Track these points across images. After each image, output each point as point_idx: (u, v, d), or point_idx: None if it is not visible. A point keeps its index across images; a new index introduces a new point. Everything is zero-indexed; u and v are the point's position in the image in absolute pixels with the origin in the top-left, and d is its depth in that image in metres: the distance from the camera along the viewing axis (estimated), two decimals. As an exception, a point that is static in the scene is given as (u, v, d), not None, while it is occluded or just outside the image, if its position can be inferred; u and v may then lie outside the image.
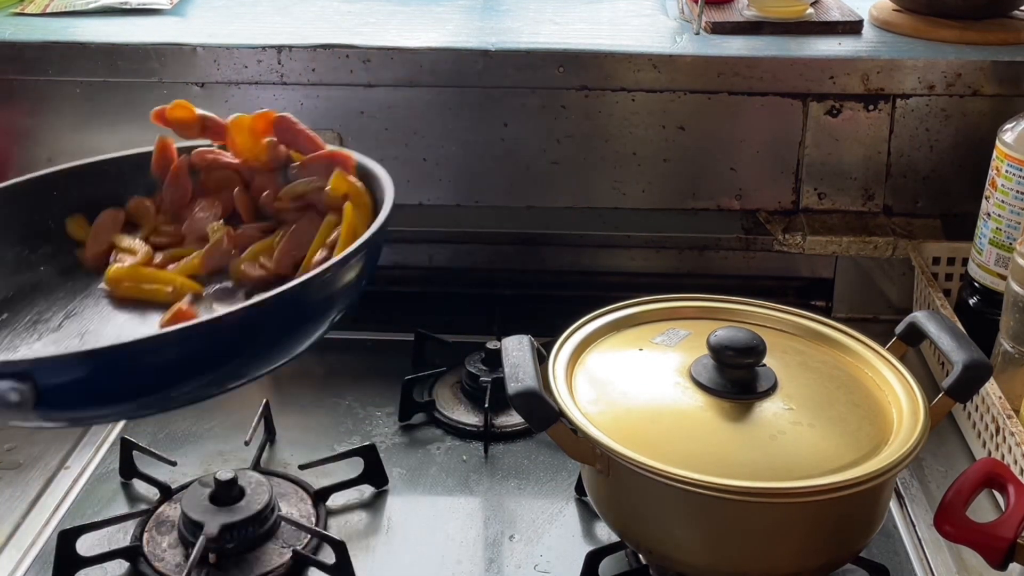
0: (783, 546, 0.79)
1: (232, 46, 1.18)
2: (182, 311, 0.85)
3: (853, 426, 0.82)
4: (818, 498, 0.75)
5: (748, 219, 1.26)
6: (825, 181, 1.23)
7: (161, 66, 1.18)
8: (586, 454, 0.81)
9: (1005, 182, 1.04)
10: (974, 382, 0.83)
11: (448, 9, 1.32)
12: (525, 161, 1.22)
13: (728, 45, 1.20)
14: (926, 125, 1.19)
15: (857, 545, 0.83)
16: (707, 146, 1.21)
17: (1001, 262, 1.06)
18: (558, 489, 0.99)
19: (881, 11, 1.28)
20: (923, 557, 0.90)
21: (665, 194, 1.24)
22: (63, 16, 1.27)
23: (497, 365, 0.98)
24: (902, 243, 1.21)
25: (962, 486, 0.80)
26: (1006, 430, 0.91)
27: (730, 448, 0.79)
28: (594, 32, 1.24)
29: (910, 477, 1.00)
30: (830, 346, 0.92)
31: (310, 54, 1.18)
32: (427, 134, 1.21)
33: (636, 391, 0.86)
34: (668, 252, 1.29)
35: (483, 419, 1.05)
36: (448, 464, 1.01)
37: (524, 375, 0.81)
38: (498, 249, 1.29)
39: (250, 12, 1.30)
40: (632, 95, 1.19)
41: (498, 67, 1.18)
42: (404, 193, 1.24)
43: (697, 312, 0.96)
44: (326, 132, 1.21)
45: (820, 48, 1.20)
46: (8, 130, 1.23)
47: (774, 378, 0.85)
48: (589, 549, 0.86)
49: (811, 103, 1.19)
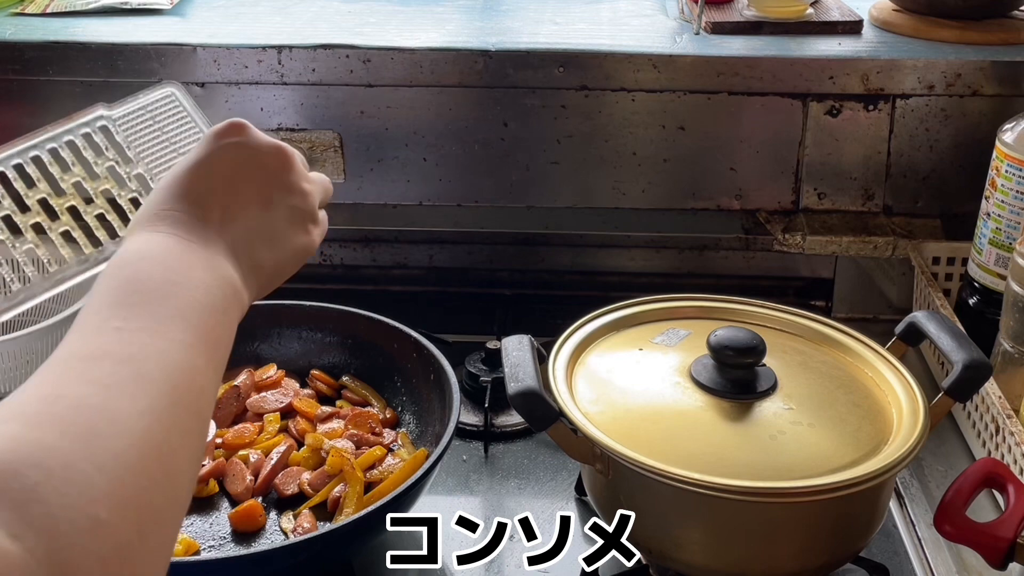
0: (783, 546, 0.80)
1: (232, 46, 1.18)
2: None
3: (853, 426, 0.82)
4: (818, 498, 0.75)
5: (748, 219, 1.26)
6: (825, 181, 1.23)
7: (161, 66, 1.18)
8: (586, 454, 0.81)
9: (1005, 182, 1.04)
10: (974, 382, 0.83)
11: (448, 9, 1.32)
12: (525, 161, 1.22)
13: (728, 45, 1.20)
14: (926, 125, 1.19)
15: (857, 545, 0.83)
16: (707, 146, 1.21)
17: (1001, 262, 1.05)
18: (558, 489, 0.99)
19: (881, 11, 1.28)
20: (923, 557, 0.90)
21: (665, 194, 1.24)
22: (63, 16, 1.27)
23: (497, 365, 0.98)
24: (902, 243, 1.20)
25: (962, 486, 0.80)
26: (1006, 430, 0.91)
27: (730, 448, 0.79)
28: (594, 32, 1.24)
29: (910, 477, 1.00)
30: (830, 346, 0.92)
31: (310, 54, 1.18)
32: (427, 134, 1.21)
33: (636, 391, 0.86)
34: (668, 252, 1.29)
35: (483, 419, 1.05)
36: (448, 464, 1.01)
37: (524, 375, 0.81)
38: (498, 249, 1.29)
39: (250, 12, 1.30)
40: (632, 95, 1.19)
41: (498, 67, 1.18)
42: (404, 193, 1.25)
43: (697, 312, 0.96)
44: (326, 132, 1.21)
45: (820, 48, 1.20)
46: (8, 130, 1.22)
47: (774, 378, 0.85)
48: (589, 549, 0.86)
49: (811, 103, 1.19)
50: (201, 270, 0.59)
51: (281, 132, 1.21)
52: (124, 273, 0.57)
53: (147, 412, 0.48)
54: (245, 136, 0.67)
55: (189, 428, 0.51)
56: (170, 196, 0.63)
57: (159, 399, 0.49)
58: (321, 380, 1.06)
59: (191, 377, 0.53)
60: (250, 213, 0.65)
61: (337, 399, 1.05)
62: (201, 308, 0.57)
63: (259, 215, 0.65)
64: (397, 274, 1.30)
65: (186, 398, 0.52)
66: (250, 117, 1.20)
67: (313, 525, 0.89)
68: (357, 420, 0.99)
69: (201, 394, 0.53)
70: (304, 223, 0.69)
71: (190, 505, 0.91)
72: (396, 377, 1.05)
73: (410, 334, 1.03)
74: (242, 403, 1.01)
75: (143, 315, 0.54)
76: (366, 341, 1.07)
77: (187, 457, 0.50)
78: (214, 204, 0.63)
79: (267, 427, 0.99)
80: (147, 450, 0.47)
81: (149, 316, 0.54)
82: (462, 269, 1.30)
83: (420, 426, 1.01)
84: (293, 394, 1.03)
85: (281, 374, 1.06)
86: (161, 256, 0.59)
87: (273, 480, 0.94)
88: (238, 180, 0.65)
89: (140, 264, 0.58)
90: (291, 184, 0.68)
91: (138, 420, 0.47)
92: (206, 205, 0.63)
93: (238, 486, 0.93)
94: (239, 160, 0.66)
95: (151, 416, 0.48)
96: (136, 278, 0.56)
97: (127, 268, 0.57)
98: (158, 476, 0.47)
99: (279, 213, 0.67)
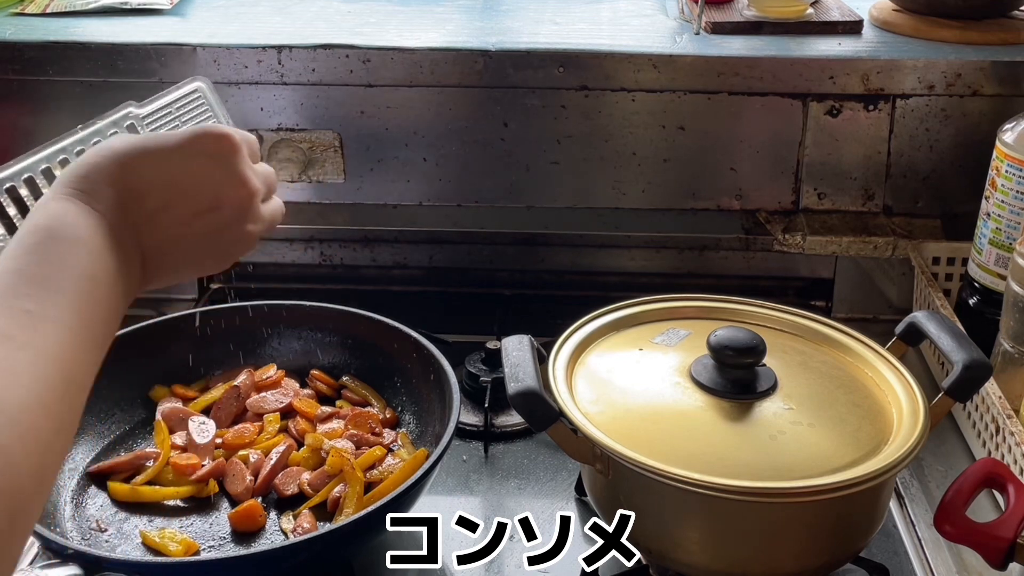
0: (783, 546, 0.80)
1: (232, 46, 1.18)
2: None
3: (853, 426, 0.82)
4: (818, 498, 0.75)
5: (748, 219, 1.26)
6: (825, 181, 1.23)
7: (161, 66, 1.18)
8: (586, 454, 0.81)
9: (1005, 182, 1.04)
10: (974, 382, 0.83)
11: (448, 9, 1.32)
12: (525, 161, 1.22)
13: (728, 45, 1.20)
14: (926, 125, 1.19)
15: (857, 545, 0.83)
16: (707, 146, 1.21)
17: (1001, 262, 1.05)
18: (558, 489, 0.99)
19: (881, 11, 1.28)
20: (923, 557, 0.90)
21: (665, 194, 1.24)
22: (63, 16, 1.27)
23: (497, 365, 0.98)
24: (902, 243, 1.20)
25: (962, 486, 0.80)
26: (1006, 430, 0.91)
27: (730, 448, 0.79)
28: (594, 32, 1.24)
29: (910, 477, 1.00)
30: (830, 346, 0.92)
31: (310, 54, 1.18)
32: (427, 134, 1.21)
33: (636, 391, 0.86)
34: (668, 252, 1.29)
35: (483, 419, 1.05)
36: (448, 464, 1.01)
37: (524, 375, 0.81)
38: (498, 249, 1.29)
39: (250, 12, 1.30)
40: (632, 95, 1.19)
41: (498, 67, 1.18)
42: (404, 193, 1.25)
43: (697, 312, 0.96)
44: (326, 132, 1.21)
45: (820, 48, 1.20)
46: (8, 130, 1.23)
47: (774, 378, 0.85)
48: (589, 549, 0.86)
49: (811, 103, 1.19)
50: (115, 268, 0.60)
51: (281, 132, 1.21)
52: (48, 245, 0.57)
53: (36, 406, 0.50)
54: (227, 160, 0.65)
55: (69, 423, 0.53)
56: (116, 168, 0.62)
57: (48, 393, 0.51)
58: (321, 380, 1.06)
59: (81, 374, 0.54)
60: (174, 230, 0.64)
61: (337, 399, 1.05)
62: (107, 308, 0.58)
63: (184, 233, 0.64)
64: (397, 274, 1.30)
65: (71, 394, 0.53)
66: (250, 117, 1.21)
67: (313, 525, 0.89)
68: (357, 420, 0.99)
69: (82, 390, 0.55)
70: (240, 235, 0.68)
71: (190, 505, 0.92)
72: (396, 377, 1.05)
73: (410, 334, 1.03)
74: (242, 403, 1.01)
75: (56, 301, 0.54)
76: (366, 341, 1.07)
77: (61, 450, 0.53)
78: (150, 204, 0.62)
79: (267, 427, 0.99)
80: (29, 444, 0.48)
81: (57, 304, 0.54)
82: (462, 269, 1.30)
83: (420, 426, 1.01)
84: (293, 394, 1.03)
85: (281, 374, 1.06)
86: (86, 239, 0.58)
87: (273, 480, 0.94)
88: (187, 193, 0.64)
89: (65, 241, 0.57)
90: (236, 216, 0.67)
91: (27, 413, 0.49)
92: (142, 200, 0.62)
93: (238, 486, 0.93)
94: (201, 175, 0.65)
95: (40, 411, 0.50)
96: (59, 257, 0.56)
97: (54, 240, 0.57)
98: (35, 468, 0.49)
99: (207, 235, 0.66)
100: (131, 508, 0.92)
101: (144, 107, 0.86)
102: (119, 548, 0.88)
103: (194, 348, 1.06)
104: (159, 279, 0.65)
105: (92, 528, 0.90)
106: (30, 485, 0.48)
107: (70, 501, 0.92)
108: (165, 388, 1.05)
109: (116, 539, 0.89)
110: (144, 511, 0.92)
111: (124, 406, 1.03)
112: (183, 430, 0.98)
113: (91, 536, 0.89)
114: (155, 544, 0.87)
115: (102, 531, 0.89)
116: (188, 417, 0.99)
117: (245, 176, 0.66)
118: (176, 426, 0.99)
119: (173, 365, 1.05)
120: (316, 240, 1.30)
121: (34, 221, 0.58)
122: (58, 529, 0.87)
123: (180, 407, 1.01)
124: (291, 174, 1.22)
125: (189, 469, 0.94)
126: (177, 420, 0.99)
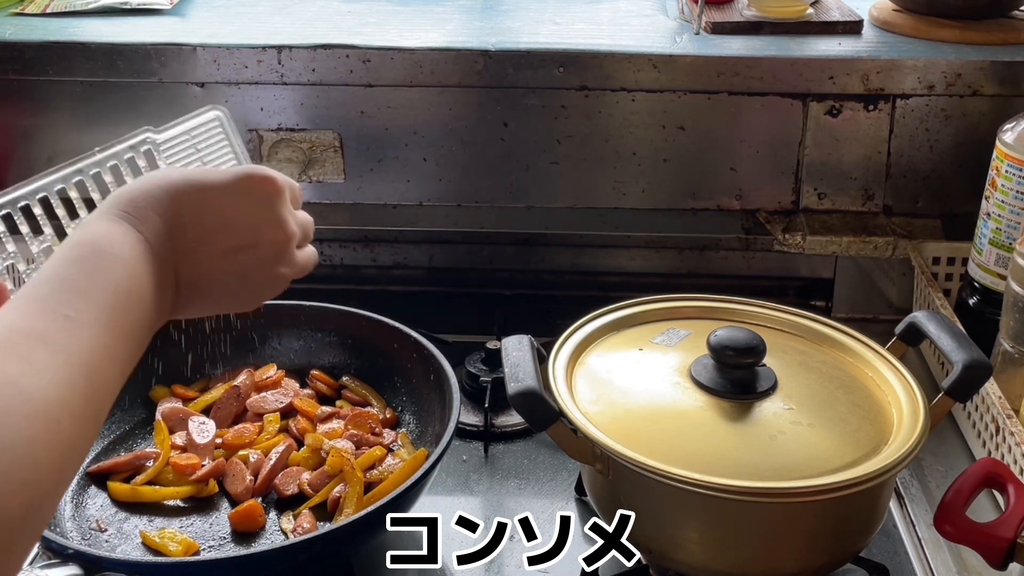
0: (783, 546, 0.80)
1: (232, 46, 1.18)
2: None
3: (853, 426, 0.82)
4: (818, 498, 0.75)
5: (748, 219, 1.26)
6: (825, 181, 1.23)
7: (161, 66, 1.18)
8: (586, 454, 0.81)
9: (1005, 182, 1.04)
10: (974, 382, 0.83)
11: (448, 9, 1.32)
12: (525, 161, 1.22)
13: (728, 45, 1.20)
14: (926, 125, 1.19)
15: (857, 545, 0.83)
16: (707, 146, 1.21)
17: (1001, 262, 1.05)
18: (558, 489, 0.99)
19: (881, 11, 1.28)
20: (923, 557, 0.90)
21: (665, 194, 1.24)
22: (63, 16, 1.27)
23: (497, 365, 0.98)
24: (902, 243, 1.20)
25: (962, 486, 0.80)
26: (1006, 430, 0.91)
27: (730, 448, 0.79)
28: (594, 32, 1.24)
29: (910, 477, 1.00)
30: (830, 346, 0.92)
31: (310, 54, 1.18)
32: (427, 134, 1.21)
33: (636, 391, 0.86)
34: (668, 252, 1.28)
35: (483, 419, 1.05)
36: (448, 464, 1.01)
37: (524, 375, 0.81)
38: (498, 249, 1.29)
39: (250, 12, 1.30)
40: (632, 95, 1.19)
41: (498, 67, 1.18)
42: (404, 193, 1.25)
43: (697, 312, 0.96)
44: (326, 132, 1.21)
45: (820, 48, 1.20)
46: (8, 130, 1.23)
47: (774, 378, 0.85)
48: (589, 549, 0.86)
49: (811, 103, 1.19)
50: (152, 291, 0.62)
51: (281, 132, 1.21)
52: (92, 259, 0.59)
53: (63, 406, 0.52)
54: (269, 202, 0.68)
55: (92, 429, 0.55)
56: (167, 198, 0.64)
57: (75, 396, 0.53)
58: (321, 380, 1.06)
59: (107, 381, 0.56)
60: (211, 263, 0.66)
61: (337, 399, 1.05)
62: (139, 326, 0.60)
63: (220, 267, 0.67)
64: (397, 274, 1.30)
65: (96, 400, 0.55)
66: (250, 117, 1.21)
67: (313, 525, 0.89)
68: (357, 420, 0.99)
69: (107, 398, 0.57)
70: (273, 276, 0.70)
71: (190, 505, 0.92)
72: (396, 377, 1.05)
73: (410, 334, 1.03)
74: (242, 403, 1.01)
75: (93, 311, 0.57)
76: (366, 341, 1.07)
77: (80, 453, 0.54)
78: (191, 236, 0.65)
79: (267, 427, 0.99)
80: (52, 441, 0.50)
81: (94, 314, 0.57)
82: (462, 269, 1.30)
83: (420, 426, 1.01)
84: (293, 394, 1.03)
85: (281, 374, 1.06)
86: (128, 259, 0.61)
87: (273, 480, 0.94)
88: (228, 229, 0.67)
89: (109, 257, 0.60)
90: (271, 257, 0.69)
91: (54, 411, 0.51)
92: (185, 232, 0.65)
93: (238, 486, 0.93)
94: (243, 213, 0.67)
95: (65, 411, 0.52)
96: (101, 272, 0.59)
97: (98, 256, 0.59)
98: (56, 464, 0.50)
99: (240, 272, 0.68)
100: (131, 508, 0.93)
101: (162, 133, 0.87)
102: (119, 548, 0.88)
103: (194, 348, 1.06)
104: (189, 310, 0.67)
105: (92, 528, 0.90)
106: (49, 480, 0.50)
107: (70, 501, 0.92)
108: (165, 388, 1.05)
109: (116, 539, 0.89)
110: (144, 511, 0.92)
111: (124, 406, 1.03)
112: (183, 430, 0.98)
113: (91, 536, 0.89)
114: (155, 544, 0.87)
115: (102, 531, 0.90)
116: (188, 417, 0.99)
117: (284, 219, 0.69)
118: (176, 426, 0.99)
119: (173, 365, 1.05)
120: (316, 240, 1.28)
121: (81, 235, 0.61)
122: (58, 529, 0.87)
123: (180, 407, 1.01)
124: (291, 174, 1.21)
125: (189, 469, 0.94)
126: (177, 420, 0.99)
